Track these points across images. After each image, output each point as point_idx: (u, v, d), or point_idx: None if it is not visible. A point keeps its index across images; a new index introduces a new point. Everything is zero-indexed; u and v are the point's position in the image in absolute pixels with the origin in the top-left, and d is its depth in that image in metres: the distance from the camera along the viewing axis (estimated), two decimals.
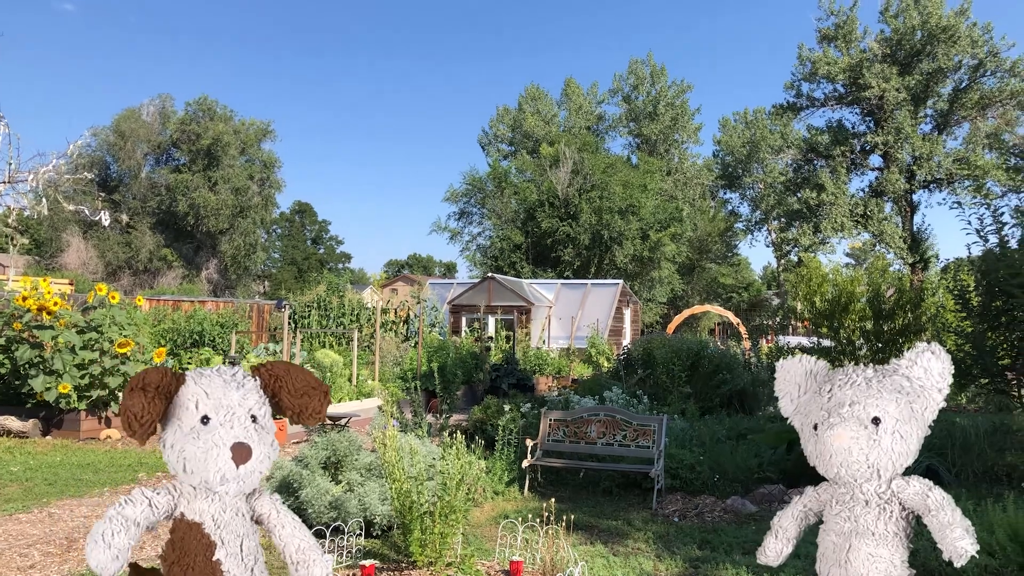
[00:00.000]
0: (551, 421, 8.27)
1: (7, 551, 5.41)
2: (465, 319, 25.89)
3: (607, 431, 8.01)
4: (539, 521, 5.16)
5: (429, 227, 52.75)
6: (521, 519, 5.52)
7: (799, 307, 12.67)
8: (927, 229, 42.04)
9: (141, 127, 46.58)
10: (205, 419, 2.61)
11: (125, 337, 10.70)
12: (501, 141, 54.50)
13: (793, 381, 3.06)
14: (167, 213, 47.10)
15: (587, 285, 28.97)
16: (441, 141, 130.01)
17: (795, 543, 3.05)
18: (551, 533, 4.89)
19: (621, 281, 29.61)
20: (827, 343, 11.66)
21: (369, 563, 4.60)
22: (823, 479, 2.96)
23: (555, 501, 5.32)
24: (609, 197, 37.39)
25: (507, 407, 9.33)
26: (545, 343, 24.91)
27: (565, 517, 5.30)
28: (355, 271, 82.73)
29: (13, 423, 10.12)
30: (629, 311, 29.68)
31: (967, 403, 12.90)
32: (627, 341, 26.35)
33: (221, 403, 2.64)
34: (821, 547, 2.91)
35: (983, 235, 9.85)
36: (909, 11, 38.35)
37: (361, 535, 5.58)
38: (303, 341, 18.05)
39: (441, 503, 4.91)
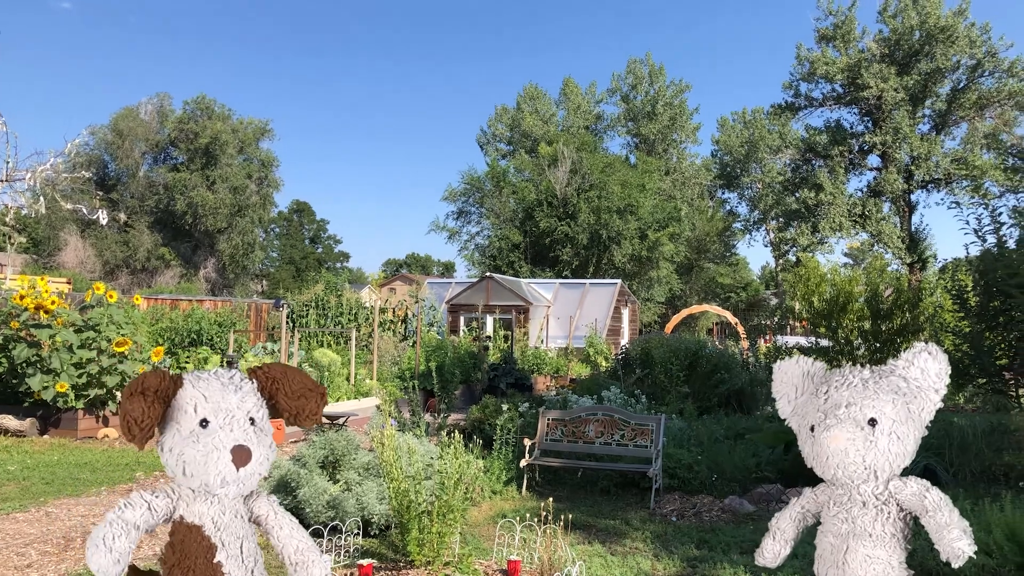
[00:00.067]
0: (549, 420, 8.28)
1: (4, 550, 5.41)
2: (463, 318, 25.89)
3: (605, 431, 8.02)
4: (537, 520, 5.17)
5: (427, 226, 52.60)
6: (519, 518, 5.52)
7: (797, 307, 12.67)
8: (925, 229, 42.14)
9: (139, 126, 46.54)
10: (204, 422, 2.61)
11: (123, 336, 10.69)
12: (500, 140, 54.51)
13: (790, 383, 3.06)
14: (165, 212, 47.07)
15: (585, 285, 28.98)
16: (440, 141, 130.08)
17: (793, 544, 3.05)
18: (549, 532, 4.89)
19: (619, 281, 29.62)
20: (825, 343, 11.67)
21: (367, 562, 4.60)
22: (821, 480, 2.96)
23: (553, 500, 5.32)
24: (607, 197, 37.40)
25: (505, 406, 9.34)
26: (543, 343, 24.91)
27: (563, 516, 5.30)
28: (353, 270, 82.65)
29: (10, 422, 10.10)
30: (627, 311, 29.69)
31: (965, 403, 12.92)
32: (625, 341, 26.37)
33: (220, 406, 2.64)
34: (819, 548, 2.91)
35: (981, 235, 9.88)
36: (907, 11, 38.38)
37: (359, 534, 5.58)
38: (301, 340, 18.04)
39: (439, 502, 4.91)
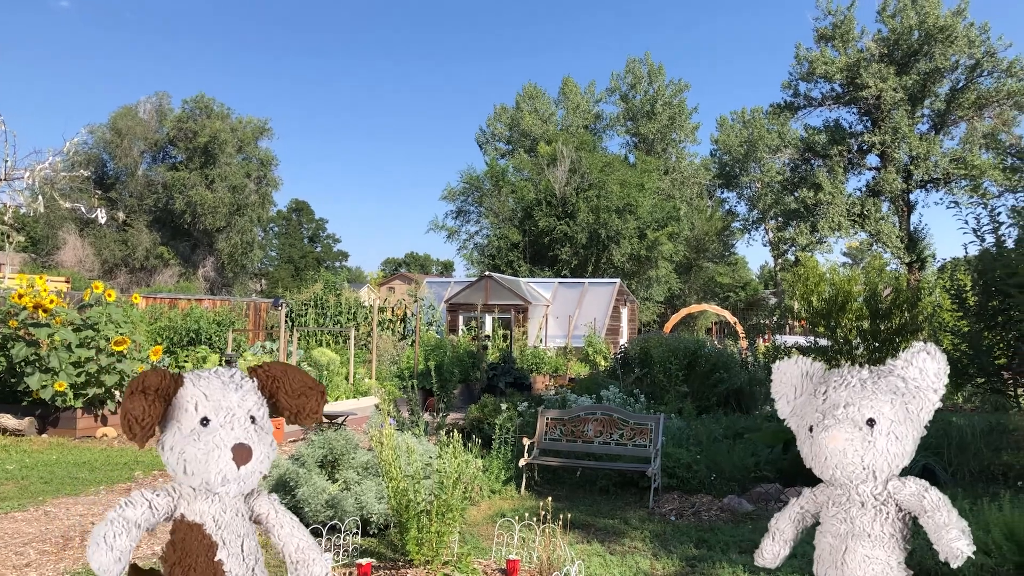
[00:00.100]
0: (548, 420, 8.28)
1: (3, 549, 5.40)
2: (462, 318, 25.88)
3: (604, 430, 8.02)
4: (536, 520, 5.16)
5: (426, 226, 52.65)
6: (518, 518, 5.52)
7: (796, 306, 12.68)
8: (924, 229, 42.19)
9: (138, 125, 46.49)
10: (205, 421, 2.61)
11: (121, 335, 10.68)
12: (499, 140, 54.47)
13: (789, 383, 3.05)
14: (164, 211, 47.04)
15: (584, 284, 28.98)
16: (440, 141, 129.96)
17: (792, 545, 3.04)
18: (548, 532, 4.89)
19: (618, 280, 29.63)
20: (824, 342, 11.68)
21: (366, 562, 4.60)
22: (820, 480, 2.96)
23: (552, 500, 5.32)
24: (606, 196, 37.39)
25: (504, 406, 9.33)
26: (542, 342, 24.90)
27: (562, 516, 5.30)
28: (352, 269, 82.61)
29: (9, 421, 10.09)
30: (626, 310, 29.69)
31: (964, 402, 12.93)
32: (624, 340, 26.36)
33: (220, 404, 2.64)
34: (818, 549, 2.91)
35: (980, 235, 9.89)
36: (906, 11, 38.39)
37: (358, 534, 5.57)
38: (300, 339, 18.03)
39: (438, 502, 4.91)
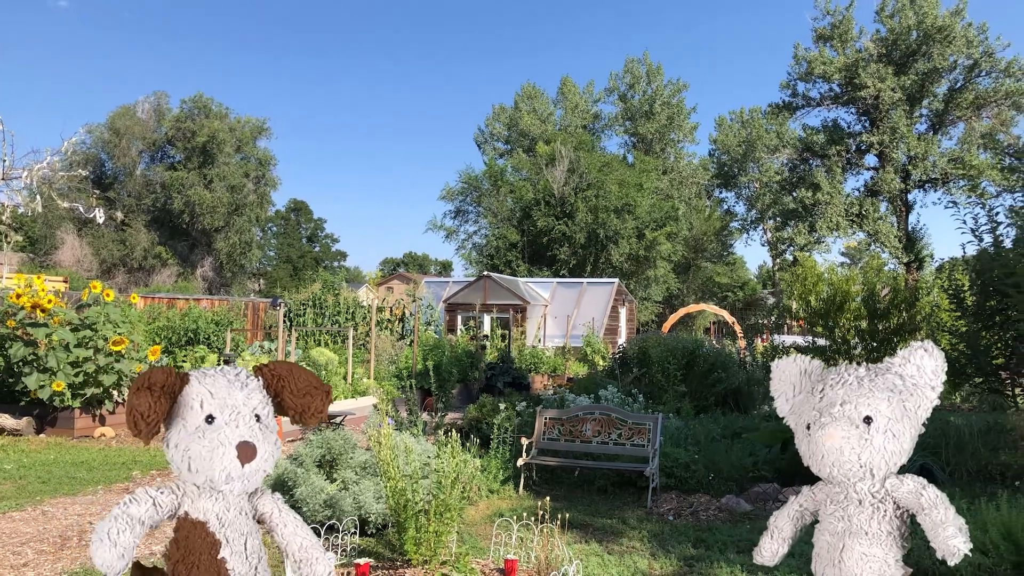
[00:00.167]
0: (546, 419, 8.28)
1: (1, 549, 5.40)
2: (461, 317, 25.88)
3: (602, 430, 8.02)
4: (534, 519, 5.16)
5: (425, 225, 52.64)
6: (516, 517, 5.52)
7: (794, 306, 12.69)
8: (922, 229, 42.29)
9: (136, 124, 46.47)
10: (210, 418, 2.62)
11: (119, 335, 10.67)
12: (497, 139, 54.46)
13: (788, 381, 3.06)
14: (162, 211, 47.02)
15: (583, 284, 28.99)
16: (439, 140, 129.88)
17: (791, 543, 3.04)
18: (546, 531, 4.89)
19: (617, 280, 29.64)
20: (822, 342, 11.69)
21: (364, 561, 4.60)
22: (818, 478, 2.96)
23: (550, 499, 5.32)
24: (605, 196, 37.40)
25: (502, 405, 9.33)
26: (541, 342, 24.91)
27: (560, 515, 5.30)
28: (350, 269, 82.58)
29: (7, 421, 10.08)
30: (624, 310, 29.70)
31: (961, 402, 12.95)
32: (622, 340, 26.37)
33: (226, 402, 2.65)
34: (816, 547, 2.91)
35: (978, 235, 9.90)
36: (905, 11, 38.43)
37: (356, 533, 5.57)
38: (298, 339, 18.03)
39: (436, 501, 4.91)
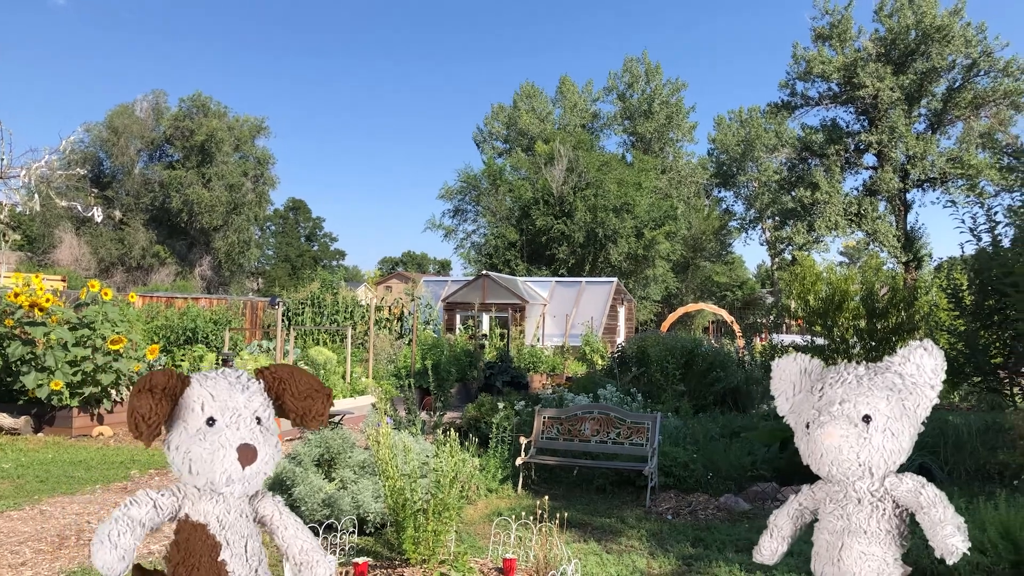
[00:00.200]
0: (545, 419, 8.27)
1: None
2: (459, 317, 25.87)
3: (601, 429, 8.01)
4: (533, 519, 5.16)
5: (424, 224, 52.63)
6: (515, 517, 5.51)
7: (793, 305, 12.70)
8: (921, 228, 42.31)
9: (134, 123, 46.42)
10: (211, 421, 2.63)
11: (118, 334, 10.66)
12: (496, 138, 54.44)
13: (788, 380, 3.06)
14: (160, 210, 46.98)
15: (581, 283, 28.99)
16: (438, 140, 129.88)
17: (791, 541, 3.04)
18: (544, 531, 4.89)
19: (615, 279, 29.64)
20: (820, 341, 11.69)
21: (362, 561, 4.59)
22: (816, 477, 2.96)
23: (549, 499, 5.31)
24: (604, 195, 37.40)
25: (501, 405, 9.33)
26: (539, 341, 24.91)
27: (559, 515, 5.29)
28: (349, 268, 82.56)
29: (5, 420, 10.07)
30: (623, 309, 29.70)
31: (960, 401, 12.94)
32: (621, 339, 26.38)
33: (227, 405, 2.66)
34: (816, 545, 2.91)
35: (976, 234, 9.90)
36: (903, 11, 38.46)
37: (354, 533, 5.57)
38: (297, 338, 18.02)
39: (435, 501, 4.91)
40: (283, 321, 17.16)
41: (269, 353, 16.37)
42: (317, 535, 5.20)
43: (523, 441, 7.97)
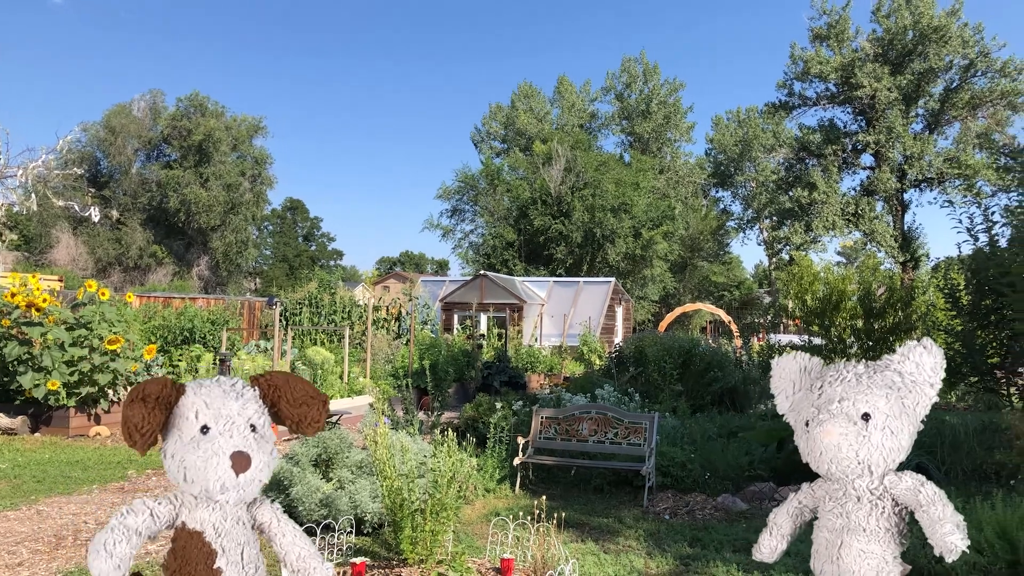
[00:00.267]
0: (543, 419, 8.27)
1: None
2: (457, 317, 25.86)
3: (598, 429, 8.01)
4: (530, 519, 5.16)
5: (421, 224, 52.59)
6: (512, 517, 5.51)
7: (790, 305, 12.71)
8: (918, 228, 42.35)
9: (132, 123, 46.31)
10: (205, 429, 2.64)
11: (115, 334, 10.64)
12: (494, 138, 54.44)
13: (788, 378, 3.06)
14: (158, 209, 46.89)
15: (579, 283, 29.00)
16: (437, 140, 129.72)
17: (790, 539, 3.04)
18: (542, 531, 4.88)
19: (613, 279, 29.65)
20: (818, 341, 11.70)
21: (360, 561, 4.58)
22: (814, 477, 2.96)
23: (546, 499, 5.31)
24: (602, 195, 37.42)
25: (499, 405, 9.33)
26: (537, 341, 24.91)
27: (556, 515, 5.29)
28: (347, 268, 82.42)
29: (1, 420, 10.05)
30: (621, 309, 29.71)
31: (957, 401, 12.96)
32: (619, 339, 26.39)
33: (220, 413, 2.66)
34: (815, 544, 2.91)
35: (973, 234, 9.90)
36: (901, 11, 38.51)
37: (352, 533, 5.56)
38: (294, 338, 18.00)
39: (432, 501, 4.90)
40: (281, 321, 17.15)
41: (267, 353, 16.35)
42: (315, 535, 5.20)
43: (521, 441, 7.97)
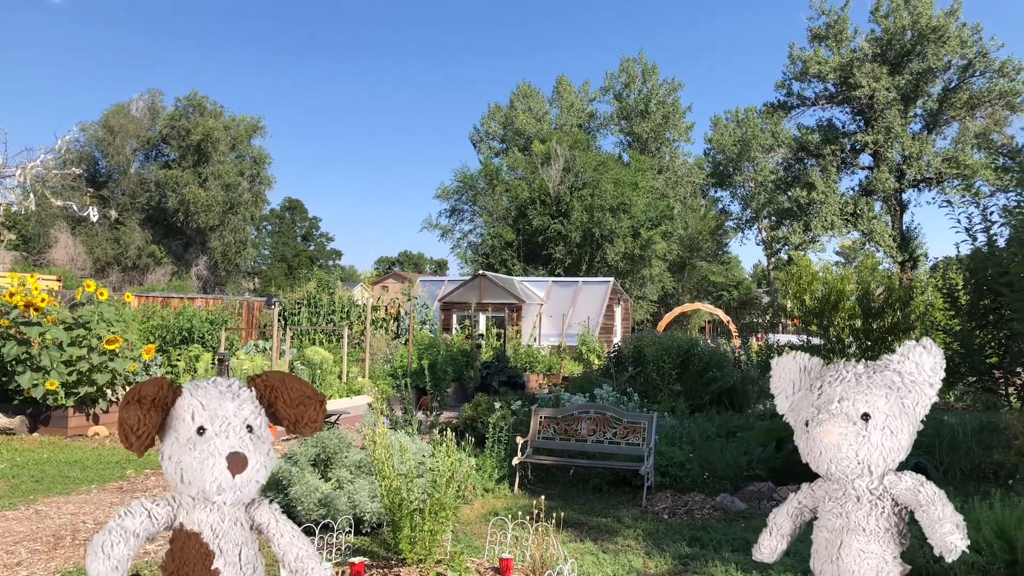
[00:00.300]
0: (541, 419, 8.27)
1: None
2: (456, 316, 25.85)
3: (597, 429, 8.01)
4: (529, 518, 5.15)
5: (420, 224, 52.59)
6: (511, 516, 5.51)
7: (789, 305, 12.71)
8: (916, 228, 42.40)
9: (130, 122, 46.26)
10: (201, 430, 2.64)
11: (113, 334, 10.63)
12: (493, 138, 54.44)
13: (788, 378, 3.06)
14: (156, 209, 46.85)
15: (578, 283, 29.00)
16: (437, 140, 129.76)
17: (790, 540, 3.04)
18: (541, 530, 4.88)
19: (612, 279, 29.67)
20: (816, 341, 11.70)
21: (359, 560, 4.58)
22: (813, 476, 2.96)
23: (545, 498, 5.31)
24: (600, 195, 37.43)
25: (497, 404, 9.32)
26: (536, 341, 24.91)
27: (555, 514, 5.29)
28: (346, 268, 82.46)
29: (0, 419, 10.04)
30: (620, 309, 29.72)
31: (955, 401, 12.97)
32: (618, 339, 26.39)
33: (216, 414, 2.66)
34: (815, 543, 2.91)
35: (972, 234, 9.90)
36: (899, 11, 38.54)
37: (351, 532, 5.56)
38: (293, 338, 17.98)
39: (431, 500, 4.90)
40: (279, 321, 17.13)
41: (265, 353, 16.34)
42: (313, 535, 5.19)
43: (519, 441, 7.97)
